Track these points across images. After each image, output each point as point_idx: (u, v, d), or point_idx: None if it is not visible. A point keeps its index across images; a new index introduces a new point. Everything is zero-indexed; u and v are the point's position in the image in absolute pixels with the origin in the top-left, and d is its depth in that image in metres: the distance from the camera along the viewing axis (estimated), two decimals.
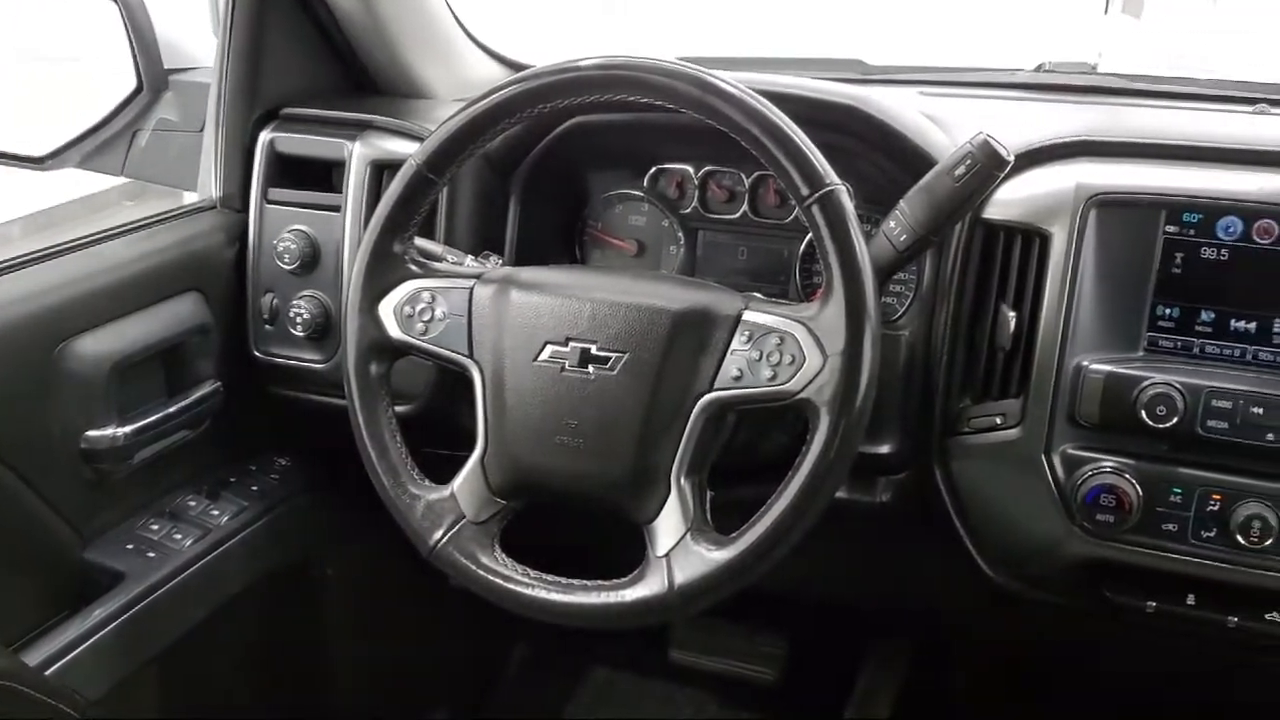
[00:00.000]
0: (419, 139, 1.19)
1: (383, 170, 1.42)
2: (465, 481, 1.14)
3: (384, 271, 1.18)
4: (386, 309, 1.18)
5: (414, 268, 1.19)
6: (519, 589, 1.11)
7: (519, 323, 1.13)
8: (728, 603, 1.07)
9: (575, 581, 1.10)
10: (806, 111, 1.14)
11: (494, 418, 1.13)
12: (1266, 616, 1.19)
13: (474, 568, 1.13)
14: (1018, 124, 1.28)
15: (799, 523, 1.03)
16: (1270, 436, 1.11)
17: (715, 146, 1.11)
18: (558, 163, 1.44)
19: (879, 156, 1.29)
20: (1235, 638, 1.22)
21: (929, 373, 1.27)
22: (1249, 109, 1.47)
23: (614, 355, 1.09)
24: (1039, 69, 1.66)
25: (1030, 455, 1.20)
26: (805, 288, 1.42)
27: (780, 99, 1.08)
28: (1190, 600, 1.21)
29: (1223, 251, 1.15)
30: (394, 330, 1.17)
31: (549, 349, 1.11)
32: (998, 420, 1.23)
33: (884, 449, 1.29)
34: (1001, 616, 1.42)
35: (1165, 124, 1.41)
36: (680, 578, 1.06)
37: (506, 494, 1.14)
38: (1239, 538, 1.14)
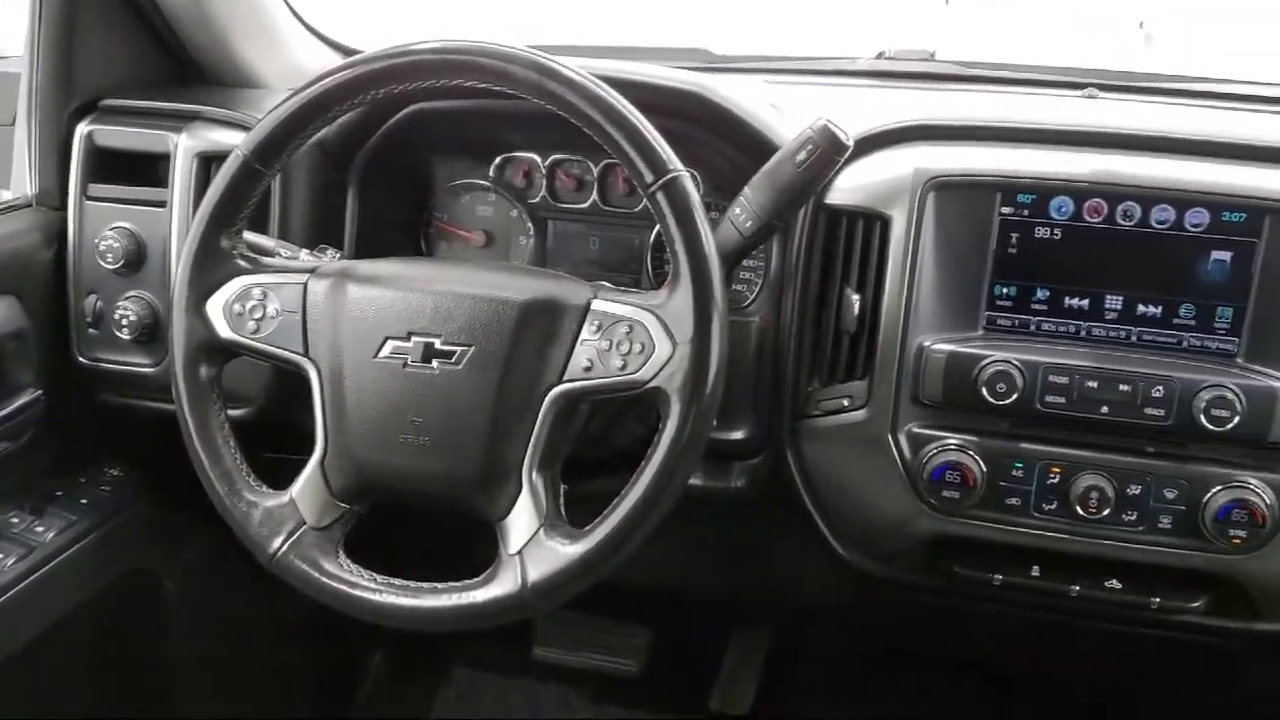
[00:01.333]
0: (248, 129, 1.13)
1: (211, 163, 1.36)
2: (305, 486, 1.10)
3: (211, 268, 1.12)
4: (215, 308, 1.12)
5: (243, 263, 1.13)
6: (365, 595, 1.07)
7: (357, 318, 1.09)
8: (589, 596, 1.06)
9: (425, 585, 1.07)
10: (650, 98, 1.13)
11: (333, 418, 1.09)
12: (1106, 584, 1.24)
13: (317, 575, 1.08)
14: (858, 110, 1.30)
15: (652, 513, 1.02)
16: (1105, 410, 1.15)
17: (562, 134, 1.09)
18: (398, 151, 1.40)
19: (724, 144, 1.29)
20: (1078, 606, 1.26)
21: (779, 357, 1.27)
22: (1079, 93, 1.52)
23: (459, 349, 1.06)
24: (879, 57, 1.69)
25: (877, 435, 1.22)
26: (657, 276, 1.41)
27: (623, 85, 1.06)
28: (1035, 571, 1.25)
29: (1055, 231, 1.18)
30: (223, 330, 1.12)
31: (390, 344, 1.07)
32: (845, 402, 1.24)
33: (737, 435, 1.29)
34: (858, 597, 1.44)
35: (1000, 108, 1.45)
36: (534, 575, 1.03)
37: (349, 497, 1.10)
38: (1078, 509, 1.18)
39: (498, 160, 1.43)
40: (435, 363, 1.06)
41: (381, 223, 1.43)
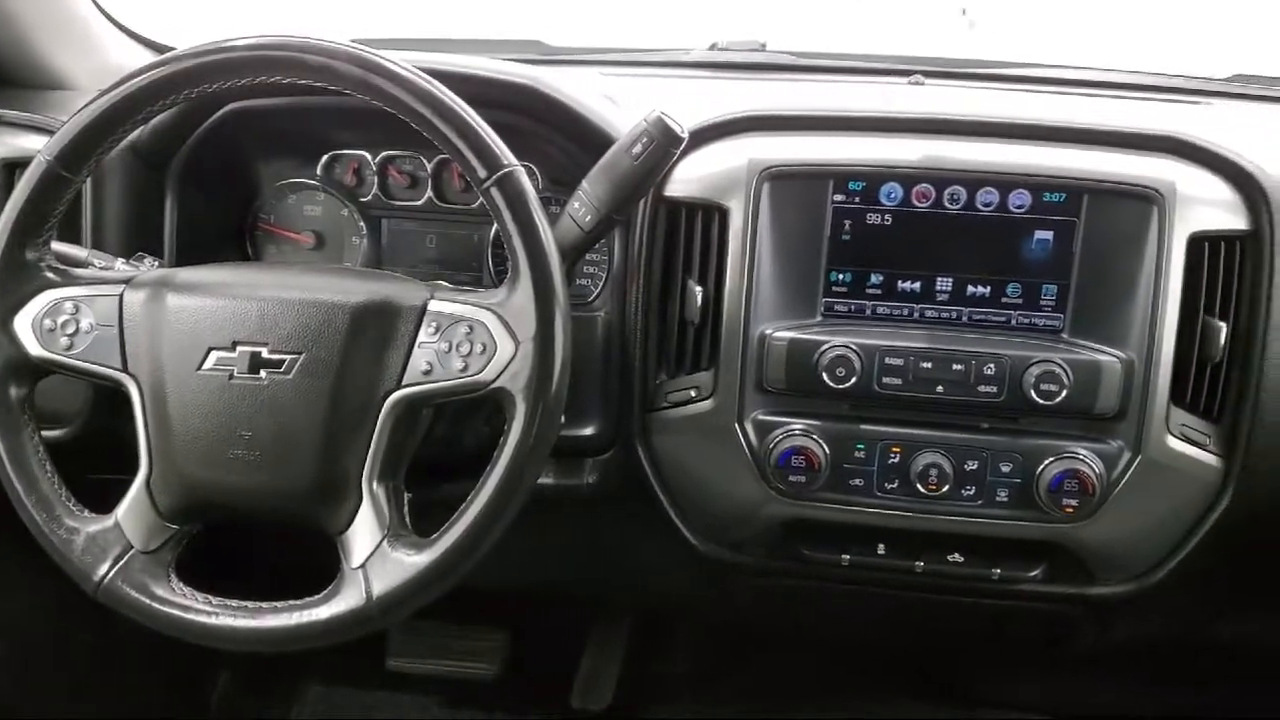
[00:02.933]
0: (52, 133, 1.06)
1: (13, 170, 1.28)
2: (130, 508, 1.04)
3: (17, 282, 1.05)
4: (23, 324, 1.05)
5: (53, 276, 1.06)
6: (201, 619, 1.02)
7: (178, 329, 1.03)
8: (442, 603, 1.03)
9: (264, 604, 1.03)
10: (481, 92, 1.10)
11: (157, 436, 1.03)
12: (949, 558, 1.27)
13: (147, 601, 1.03)
14: (693, 101, 1.30)
15: (501, 516, 1.00)
16: (940, 389, 1.19)
17: (392, 130, 1.05)
18: (219, 152, 1.34)
19: (560, 137, 1.27)
20: (924, 581, 1.30)
21: (625, 351, 1.26)
22: (905, 80, 1.56)
23: (288, 357, 1.02)
24: (712, 48, 1.70)
25: (724, 424, 1.22)
26: (499, 274, 1.38)
27: (452, 79, 1.03)
28: (881, 550, 1.28)
29: (886, 217, 1.21)
30: (33, 347, 1.05)
31: (214, 356, 1.02)
32: (692, 393, 1.24)
33: (587, 431, 1.28)
34: (713, 586, 1.45)
35: (830, 97, 1.47)
36: (379, 588, 1.00)
37: (178, 517, 1.05)
38: (919, 486, 1.21)
39: (325, 158, 1.38)
40: (264, 373, 1.02)
41: (203, 228, 1.36)
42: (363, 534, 1.02)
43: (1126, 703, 1.90)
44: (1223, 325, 1.16)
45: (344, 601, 1.01)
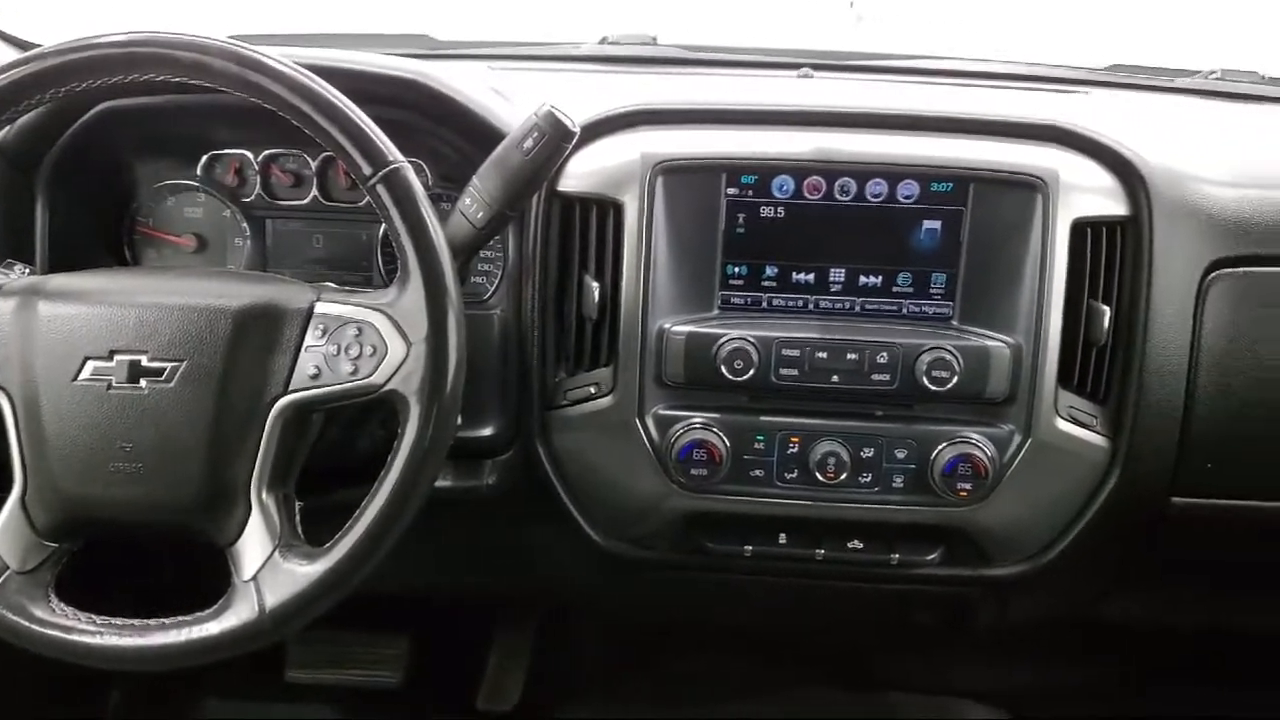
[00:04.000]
0: None
1: None
2: (4, 527, 1.00)
3: None
4: None
5: None
6: (85, 639, 0.98)
7: (51, 339, 0.99)
8: (340, 611, 1.01)
9: (152, 622, 0.99)
10: (365, 87, 1.08)
11: (31, 450, 0.99)
12: (849, 545, 1.29)
13: (26, 623, 0.99)
14: (584, 95, 1.29)
15: (397, 522, 0.98)
16: (835, 378, 1.20)
17: (275, 128, 1.02)
18: (92, 153, 1.28)
19: (448, 132, 1.25)
20: (825, 569, 1.31)
21: (523, 349, 1.25)
22: (795, 73, 1.57)
23: (169, 365, 0.98)
24: (602, 42, 1.69)
25: (625, 420, 1.22)
26: (389, 273, 1.35)
27: (333, 74, 1.01)
28: (782, 540, 1.29)
29: (779, 209, 1.21)
30: None
31: (90, 365, 0.98)
32: (592, 389, 1.23)
33: (486, 431, 1.26)
34: (618, 582, 1.45)
35: (721, 91, 1.47)
36: (271, 600, 0.98)
37: (57, 535, 1.01)
38: (818, 475, 1.22)
39: (205, 158, 1.33)
40: (144, 382, 0.98)
41: (77, 232, 1.31)
42: (253, 545, 0.99)
43: (1032, 679, 1.95)
44: (1106, 309, 1.19)
45: (235, 615, 0.98)
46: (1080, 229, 1.19)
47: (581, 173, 1.22)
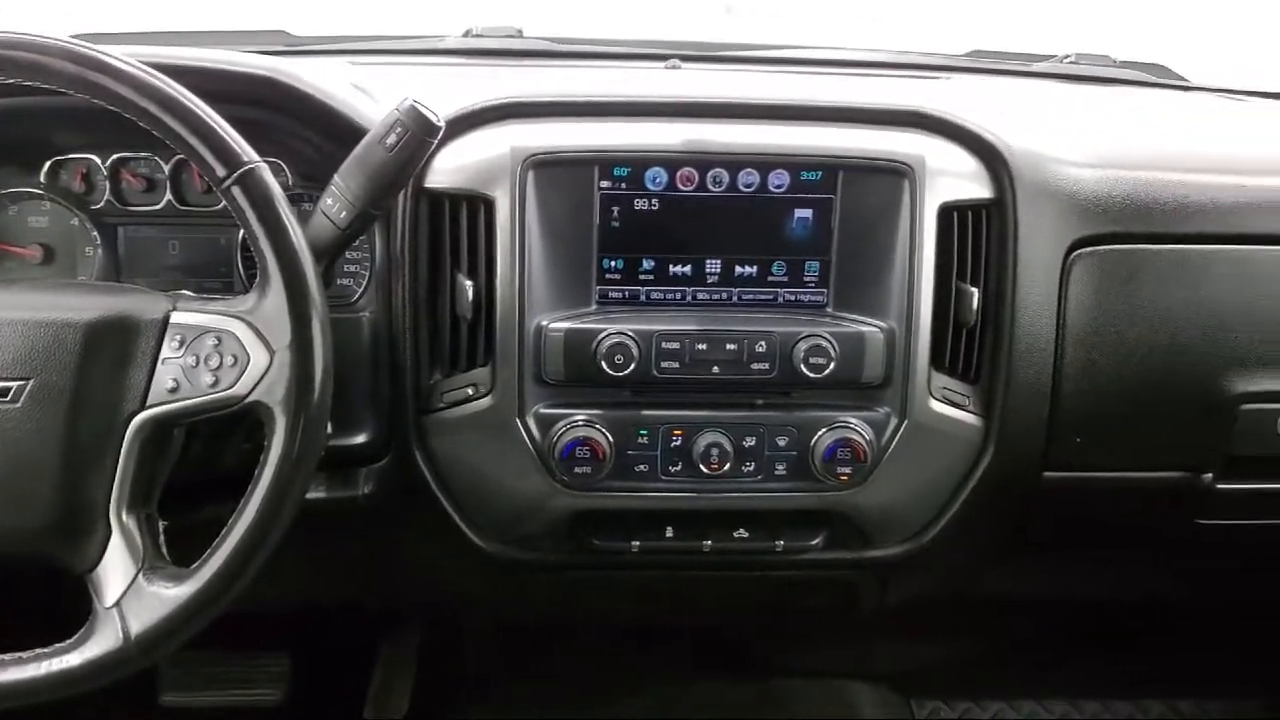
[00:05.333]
0: None
1: None
2: None
3: None
4: None
5: None
6: None
7: None
8: (215, 630, 0.96)
9: (7, 656, 0.94)
10: (217, 86, 1.04)
11: None
12: (735, 534, 1.29)
13: None
14: (449, 90, 1.26)
15: (267, 537, 0.94)
16: (716, 369, 1.19)
17: (123, 130, 0.97)
18: None
19: (308, 130, 1.20)
20: (712, 560, 1.31)
21: (395, 352, 1.21)
22: (663, 65, 1.56)
23: (15, 384, 0.93)
24: (467, 34, 1.66)
25: (505, 421, 1.19)
26: (251, 279, 1.30)
27: (182, 72, 0.96)
28: (669, 533, 1.29)
29: (653, 202, 1.20)
30: None
31: None
32: (470, 391, 1.21)
33: (359, 439, 1.22)
34: (504, 585, 1.42)
35: (590, 83, 1.46)
36: (137, 626, 0.93)
37: None
38: (701, 467, 1.22)
39: (49, 164, 1.26)
40: None
41: None
42: (115, 569, 0.95)
43: (919, 656, 1.99)
44: (975, 291, 1.21)
45: (99, 644, 0.93)
46: (947, 213, 1.21)
47: (449, 168, 1.19)
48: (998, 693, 2.00)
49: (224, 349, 0.94)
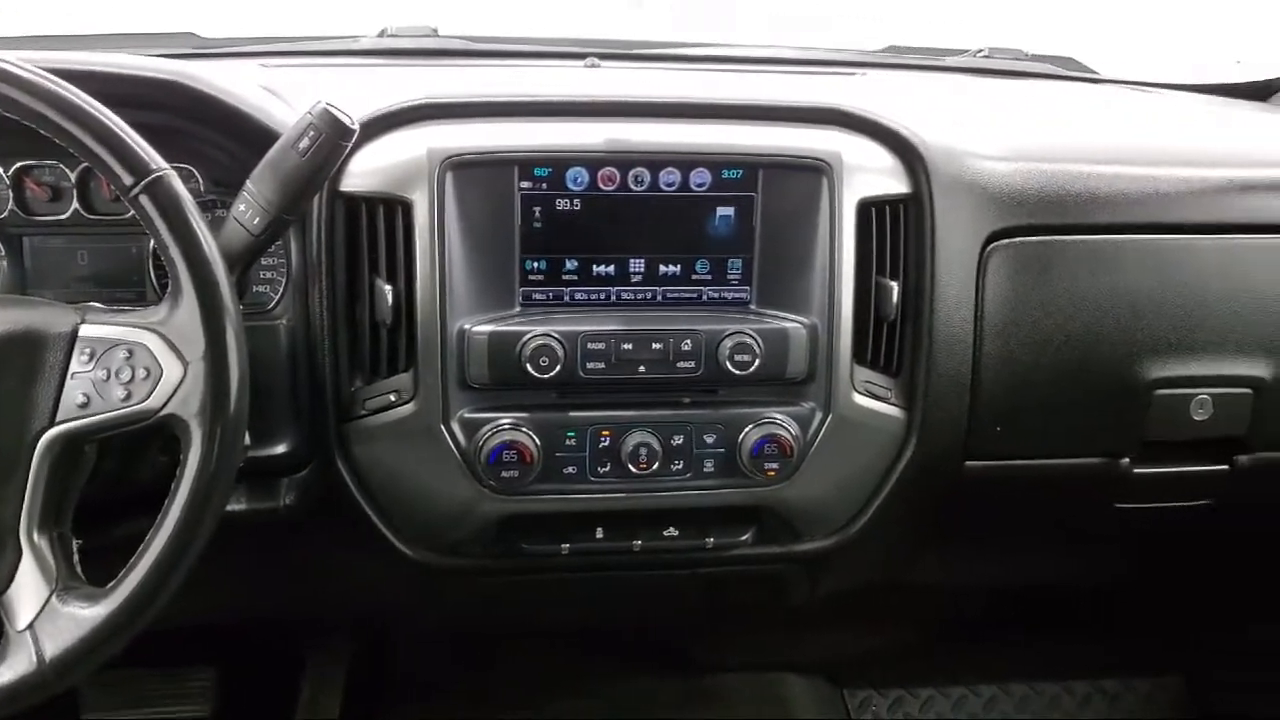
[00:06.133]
0: None
1: None
2: None
3: None
4: None
5: None
6: None
7: None
8: (138, 647, 0.94)
9: None
10: (122, 90, 1.02)
11: None
12: (665, 533, 1.29)
13: None
14: (363, 91, 1.24)
15: (186, 553, 0.92)
16: (642, 368, 1.19)
17: (25, 138, 0.94)
18: None
19: (218, 135, 1.17)
20: (643, 559, 1.31)
21: (314, 360, 1.19)
22: (581, 63, 1.55)
23: None
24: (382, 35, 1.64)
25: (429, 426, 1.18)
26: (164, 289, 1.26)
27: (85, 78, 0.94)
28: (599, 534, 1.28)
29: (575, 202, 1.19)
30: None
31: None
32: (392, 397, 1.19)
33: (279, 449, 1.20)
34: (433, 592, 1.40)
35: (507, 82, 1.45)
36: (51, 649, 0.90)
37: None
38: (630, 466, 1.21)
39: None
40: None
41: None
42: (26, 592, 0.92)
43: (850, 646, 2.01)
44: (894, 285, 1.23)
45: (11, 669, 0.91)
46: (865, 209, 1.22)
47: (365, 171, 1.17)
48: (928, 679, 2.03)
49: (136, 361, 0.92)
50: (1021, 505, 1.46)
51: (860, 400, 1.24)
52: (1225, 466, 1.39)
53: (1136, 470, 1.37)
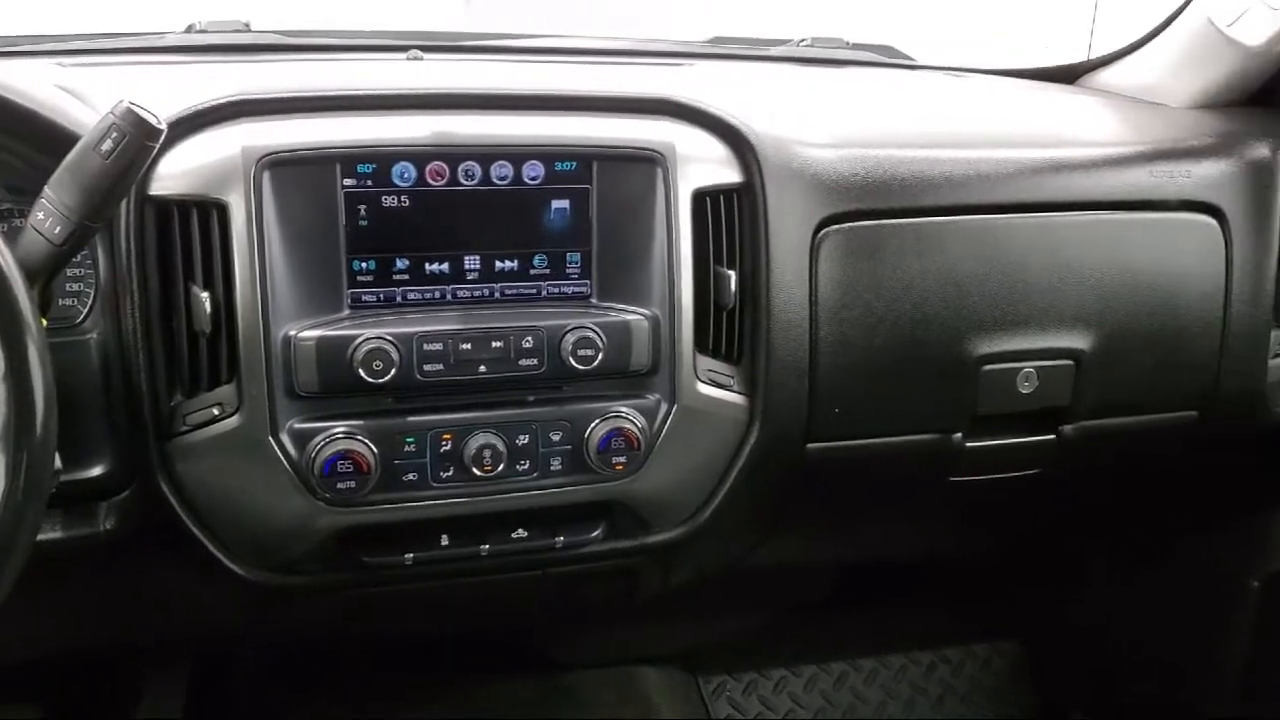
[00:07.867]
0: None
1: None
2: None
3: None
4: None
5: None
6: None
7: None
8: None
9: None
10: None
11: None
12: (513, 535, 1.26)
13: None
14: (171, 89, 1.17)
15: None
16: (483, 368, 1.16)
17: None
18: None
19: (11, 139, 1.09)
20: (492, 564, 1.28)
21: (129, 374, 1.12)
22: (403, 56, 1.51)
23: None
24: (189, 30, 1.55)
25: (256, 439, 1.12)
26: None
27: None
28: (444, 541, 1.25)
29: (403, 198, 1.15)
30: None
31: None
32: (215, 411, 1.13)
33: (94, 471, 1.12)
34: (271, 612, 1.34)
35: (325, 77, 1.39)
36: None
37: None
38: (474, 469, 1.18)
39: None
40: None
41: None
42: None
43: (706, 634, 2.03)
44: (732, 274, 1.23)
45: None
46: (700, 198, 1.22)
47: (175, 173, 1.10)
48: (780, 659, 2.07)
49: None
50: (862, 483, 1.49)
51: (704, 389, 1.25)
52: (1051, 436, 1.45)
53: (969, 444, 1.41)
